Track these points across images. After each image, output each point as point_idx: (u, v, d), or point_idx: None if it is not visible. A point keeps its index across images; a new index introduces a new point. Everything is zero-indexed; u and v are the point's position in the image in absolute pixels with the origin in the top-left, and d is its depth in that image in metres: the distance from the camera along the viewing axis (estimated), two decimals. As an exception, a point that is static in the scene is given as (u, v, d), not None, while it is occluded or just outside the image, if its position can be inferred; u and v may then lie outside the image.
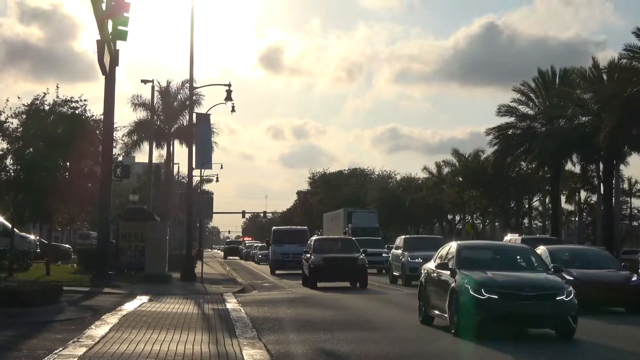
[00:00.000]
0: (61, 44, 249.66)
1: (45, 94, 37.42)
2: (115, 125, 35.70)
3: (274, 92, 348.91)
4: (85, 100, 38.14)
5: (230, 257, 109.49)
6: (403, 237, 46.12)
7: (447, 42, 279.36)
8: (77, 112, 37.86)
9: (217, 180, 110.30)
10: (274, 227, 62.97)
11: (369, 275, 41.25)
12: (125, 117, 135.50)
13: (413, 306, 22.35)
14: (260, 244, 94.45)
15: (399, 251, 42.71)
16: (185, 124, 68.85)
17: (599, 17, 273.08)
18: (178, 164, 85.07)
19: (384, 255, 52.70)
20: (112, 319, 19.06)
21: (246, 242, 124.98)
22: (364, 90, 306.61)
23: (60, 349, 14.14)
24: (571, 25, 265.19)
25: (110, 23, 31.92)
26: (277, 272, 53.68)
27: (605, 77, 62.89)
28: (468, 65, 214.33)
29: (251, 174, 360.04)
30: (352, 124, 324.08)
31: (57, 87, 38.64)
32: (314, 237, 47.11)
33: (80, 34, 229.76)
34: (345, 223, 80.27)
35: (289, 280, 46.00)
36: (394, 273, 43.22)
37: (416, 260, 36.86)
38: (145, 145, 71.03)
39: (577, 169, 75.05)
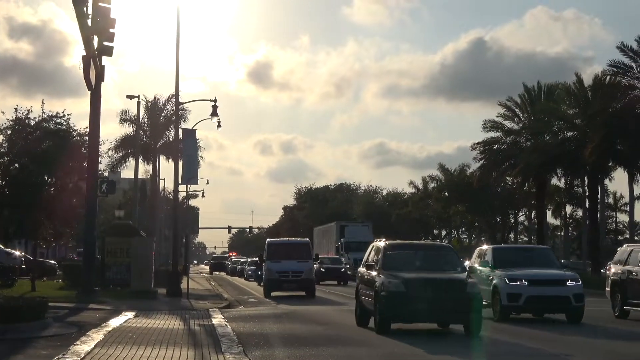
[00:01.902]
0: (50, 59, 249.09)
1: (28, 111, 37.36)
2: (101, 140, 35.70)
3: (263, 107, 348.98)
4: (69, 115, 38.10)
5: (217, 273, 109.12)
6: (490, 247, 31.08)
7: (436, 57, 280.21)
8: (62, 127, 37.80)
9: (203, 196, 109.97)
10: (268, 240, 49.84)
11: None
12: (115, 132, 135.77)
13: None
14: (250, 259, 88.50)
15: (484, 268, 28.97)
16: (171, 140, 68.77)
17: (587, 32, 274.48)
18: (164, 179, 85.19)
19: None
20: (97, 335, 18.99)
21: (232, 257, 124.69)
22: (352, 105, 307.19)
23: (45, 365, 14.08)
24: (559, 41, 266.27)
25: (95, 39, 31.95)
26: (272, 293, 43.84)
27: (590, 92, 63.19)
28: (456, 80, 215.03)
29: (238, 189, 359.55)
30: (340, 139, 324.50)
31: (43, 102, 38.64)
32: (380, 243, 24.65)
33: (70, 49, 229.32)
34: (337, 237, 79.64)
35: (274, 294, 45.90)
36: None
37: (518, 283, 26.71)
38: (131, 161, 70.97)
39: (562, 183, 75.32)
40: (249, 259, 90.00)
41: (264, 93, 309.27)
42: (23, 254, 53.80)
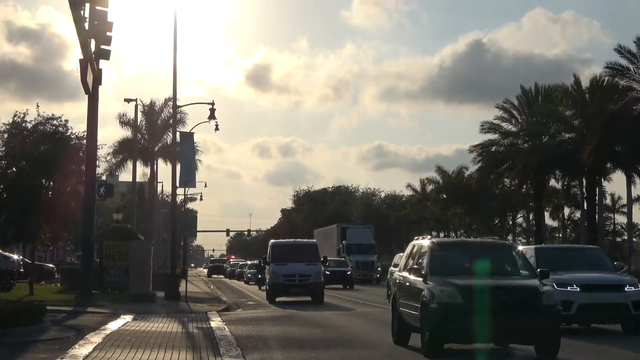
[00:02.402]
0: (49, 63, 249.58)
1: (24, 114, 37.37)
2: (99, 144, 35.70)
3: (261, 110, 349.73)
4: (66, 120, 38.13)
5: (215, 276, 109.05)
6: (532, 247, 27.79)
7: (434, 59, 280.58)
8: (59, 130, 37.82)
9: (201, 199, 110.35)
10: (272, 241, 45.50)
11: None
12: (113, 135, 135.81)
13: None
14: (250, 262, 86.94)
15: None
16: (169, 143, 68.81)
17: (585, 34, 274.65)
18: (162, 182, 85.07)
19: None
20: (96, 339, 18.98)
21: (231, 260, 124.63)
22: (351, 108, 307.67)
23: (44, 368, 14.07)
24: (558, 43, 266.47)
25: (93, 42, 31.95)
26: (277, 299, 40.61)
27: (587, 94, 63.24)
28: (454, 82, 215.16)
29: (236, 192, 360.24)
30: (338, 141, 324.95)
31: (37, 105, 38.72)
32: (424, 242, 20.00)
33: (69, 53, 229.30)
34: (339, 240, 79.06)
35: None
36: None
37: (568, 289, 23.63)
38: (129, 164, 70.96)
39: (560, 185, 75.35)
40: (249, 262, 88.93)
41: (263, 96, 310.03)
42: (21, 257, 53.79)
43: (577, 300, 23.14)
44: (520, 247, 25.49)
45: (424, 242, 19.90)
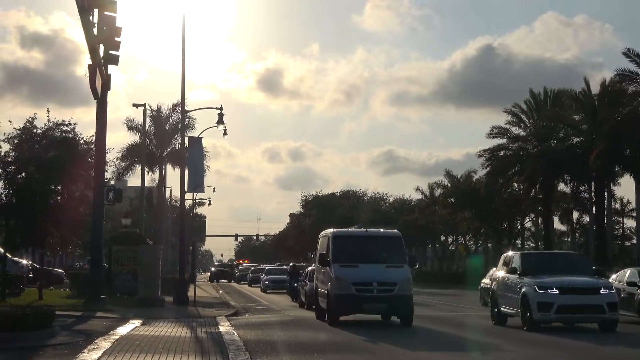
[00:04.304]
0: (61, 69, 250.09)
1: (33, 118, 37.45)
2: (108, 148, 35.79)
3: (272, 115, 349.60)
4: (75, 123, 38.21)
5: (222, 281, 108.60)
6: (518, 253, 29.88)
7: (444, 64, 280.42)
8: (68, 135, 37.90)
9: (209, 204, 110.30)
10: (333, 231, 30.58)
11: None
12: (124, 140, 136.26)
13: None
14: (267, 267, 79.29)
15: (512, 276, 27.85)
16: (177, 148, 68.91)
17: (598, 38, 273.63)
18: (170, 187, 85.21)
19: None
20: (105, 343, 19.00)
21: (244, 265, 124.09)
22: (361, 112, 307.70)
23: (53, 373, 14.09)
24: (570, 47, 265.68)
25: (102, 47, 32.04)
26: (341, 317, 28.42)
27: (597, 99, 63.21)
28: (465, 87, 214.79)
29: (245, 197, 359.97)
30: (348, 146, 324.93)
31: (48, 111, 38.75)
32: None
33: (81, 59, 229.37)
34: None
35: (281, 301, 45.78)
36: (503, 308, 28.40)
37: (548, 292, 25.60)
38: (138, 169, 71.10)
39: (569, 189, 75.27)
40: (266, 267, 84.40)
41: (274, 101, 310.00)
42: (30, 262, 53.93)
43: (557, 301, 25.34)
44: (509, 253, 31.27)
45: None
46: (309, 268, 42.98)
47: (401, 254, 28.89)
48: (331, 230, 30.82)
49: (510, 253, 30.91)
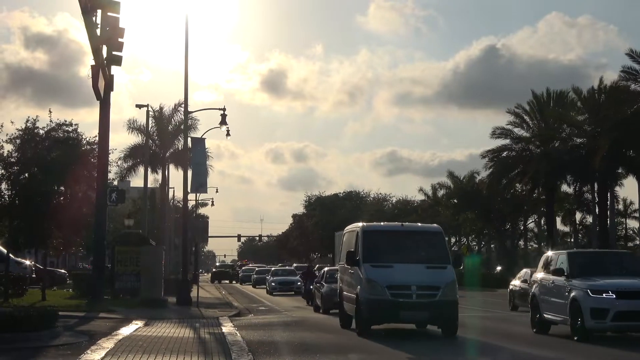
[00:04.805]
0: (65, 69, 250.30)
1: (35, 120, 37.46)
2: (111, 149, 35.83)
3: (276, 115, 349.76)
4: (77, 124, 38.21)
5: (223, 282, 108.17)
6: (565, 252, 25.74)
7: (448, 64, 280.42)
8: (70, 136, 37.90)
9: (212, 204, 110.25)
10: (363, 225, 26.39)
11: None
12: (128, 140, 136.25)
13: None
14: (273, 268, 76.29)
15: (558, 278, 24.32)
16: (180, 148, 68.91)
17: (602, 39, 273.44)
18: (173, 188, 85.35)
19: None
20: (108, 344, 19.01)
21: (249, 265, 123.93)
22: (365, 113, 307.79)
23: (56, 374, 14.09)
24: (573, 48, 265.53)
25: (105, 48, 32.06)
26: (373, 326, 24.27)
27: (600, 99, 63.16)
28: (468, 87, 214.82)
29: (248, 198, 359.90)
30: (352, 147, 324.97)
31: (50, 111, 38.77)
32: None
33: (86, 59, 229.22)
34: None
35: (285, 302, 45.74)
36: (546, 315, 24.95)
37: (603, 296, 22.28)
38: (141, 170, 71.10)
39: (572, 190, 75.26)
40: (273, 267, 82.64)
41: (278, 102, 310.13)
42: (33, 263, 53.94)
43: (613, 307, 21.94)
44: (549, 253, 27.50)
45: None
46: (325, 269, 40.95)
47: (443, 252, 24.85)
48: (360, 224, 26.54)
49: (550, 253, 27.33)
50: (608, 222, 64.63)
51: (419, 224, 29.03)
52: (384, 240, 25.28)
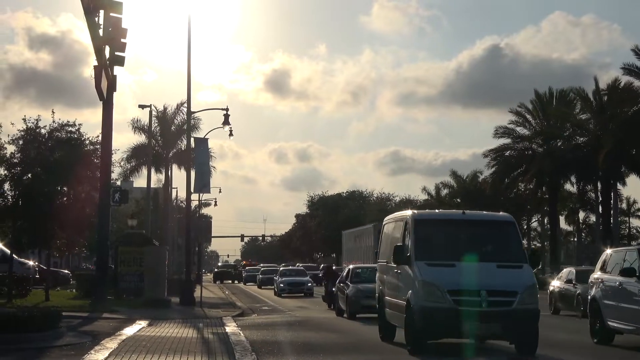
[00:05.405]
0: (69, 70, 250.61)
1: (37, 120, 37.48)
2: (113, 149, 35.87)
3: (279, 115, 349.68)
4: (80, 124, 38.22)
5: (225, 281, 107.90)
6: (634, 249, 22.49)
7: (451, 64, 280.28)
8: (73, 136, 37.90)
9: (215, 204, 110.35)
10: (414, 213, 21.11)
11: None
12: (131, 140, 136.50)
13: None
14: (282, 268, 70.52)
15: (628, 279, 20.99)
16: (183, 148, 68.93)
17: (606, 38, 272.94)
18: (176, 188, 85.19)
19: None
20: (111, 344, 19.01)
21: (254, 266, 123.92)
22: (368, 113, 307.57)
23: (60, 374, 14.09)
24: (577, 47, 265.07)
25: (107, 49, 32.06)
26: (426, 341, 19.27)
27: (603, 98, 63.14)
28: (472, 87, 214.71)
29: (252, 198, 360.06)
30: (355, 147, 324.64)
31: (53, 112, 38.81)
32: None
33: (89, 60, 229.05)
34: (376, 241, 74.80)
35: (288, 302, 45.74)
36: (612, 323, 21.55)
37: None
38: (144, 170, 71.16)
39: (575, 189, 75.24)
40: (281, 267, 77.84)
41: (281, 102, 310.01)
42: (37, 263, 53.95)
43: None
44: (609, 250, 23.89)
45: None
46: (350, 266, 37.39)
47: (518, 247, 20.07)
48: (408, 212, 21.60)
49: (610, 251, 23.82)
50: (611, 220, 64.58)
51: (484, 212, 24.21)
52: (441, 232, 20.57)
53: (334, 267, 47.51)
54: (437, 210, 25.14)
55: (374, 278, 24.94)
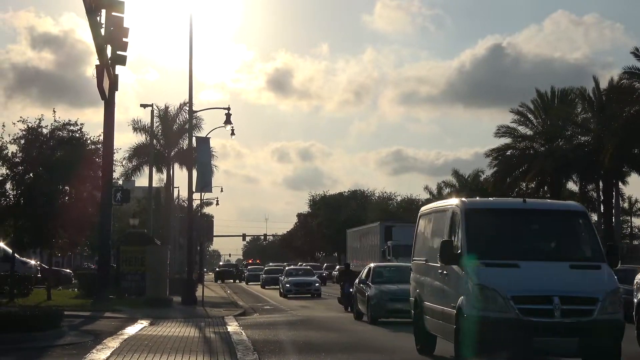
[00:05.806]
0: (71, 69, 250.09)
1: (39, 120, 37.50)
2: (115, 149, 35.87)
3: (282, 115, 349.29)
4: (82, 123, 38.24)
5: (227, 281, 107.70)
6: None
7: (453, 63, 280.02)
8: (75, 135, 37.92)
9: (217, 204, 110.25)
10: (465, 202, 17.30)
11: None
12: (133, 140, 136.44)
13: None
14: (288, 267, 67.76)
15: None
16: (185, 148, 68.92)
17: (608, 37, 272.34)
18: (178, 187, 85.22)
19: None
20: (113, 343, 19.02)
21: (259, 265, 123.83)
22: (371, 112, 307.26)
23: (62, 373, 14.10)
24: (580, 46, 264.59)
25: (109, 48, 32.08)
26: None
27: (605, 97, 63.12)
28: (474, 86, 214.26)
29: (253, 197, 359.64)
30: (357, 146, 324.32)
31: (54, 111, 38.81)
32: None
33: (92, 59, 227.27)
34: (382, 240, 72.56)
35: (291, 302, 45.74)
36: None
37: None
38: (145, 169, 71.16)
39: (577, 188, 75.16)
40: (287, 266, 73.63)
41: (283, 101, 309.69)
42: (38, 263, 53.99)
43: None
44: None
45: None
46: (371, 265, 34.15)
47: (593, 242, 16.41)
48: (455, 200, 17.95)
49: None
50: (613, 220, 64.55)
51: (549, 200, 19.96)
52: (499, 225, 16.74)
53: (351, 267, 45.75)
54: (490, 199, 21.21)
55: (397, 278, 23.57)
